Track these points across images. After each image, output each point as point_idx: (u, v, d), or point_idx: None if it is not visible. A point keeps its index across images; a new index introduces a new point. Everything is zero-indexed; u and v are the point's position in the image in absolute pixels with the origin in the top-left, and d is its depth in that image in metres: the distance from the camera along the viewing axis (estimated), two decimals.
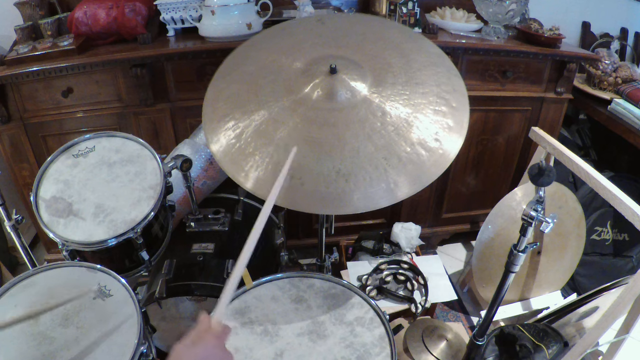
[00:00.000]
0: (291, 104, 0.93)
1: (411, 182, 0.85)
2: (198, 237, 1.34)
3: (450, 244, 2.26)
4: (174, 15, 1.60)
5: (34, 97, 1.52)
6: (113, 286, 0.99)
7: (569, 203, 1.58)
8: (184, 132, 1.66)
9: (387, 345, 0.91)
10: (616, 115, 1.88)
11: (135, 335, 0.89)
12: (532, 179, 0.93)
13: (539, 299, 1.71)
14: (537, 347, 1.36)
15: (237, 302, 1.01)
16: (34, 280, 0.99)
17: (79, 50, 1.48)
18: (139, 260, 1.16)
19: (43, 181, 1.12)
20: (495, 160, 1.96)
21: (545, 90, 1.80)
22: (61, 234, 1.05)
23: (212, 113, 0.99)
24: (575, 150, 1.88)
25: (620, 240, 1.88)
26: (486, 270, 1.64)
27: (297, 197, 0.85)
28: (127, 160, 1.17)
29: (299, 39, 1.10)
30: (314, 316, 0.98)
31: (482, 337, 1.22)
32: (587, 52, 1.99)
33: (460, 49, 1.65)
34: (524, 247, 0.99)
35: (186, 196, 1.35)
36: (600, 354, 1.42)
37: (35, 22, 1.63)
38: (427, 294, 1.56)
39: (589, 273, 1.85)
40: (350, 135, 0.88)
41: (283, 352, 0.91)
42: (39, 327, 0.90)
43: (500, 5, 1.67)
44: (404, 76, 0.96)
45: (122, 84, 1.55)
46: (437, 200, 2.03)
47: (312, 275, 1.08)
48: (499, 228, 1.58)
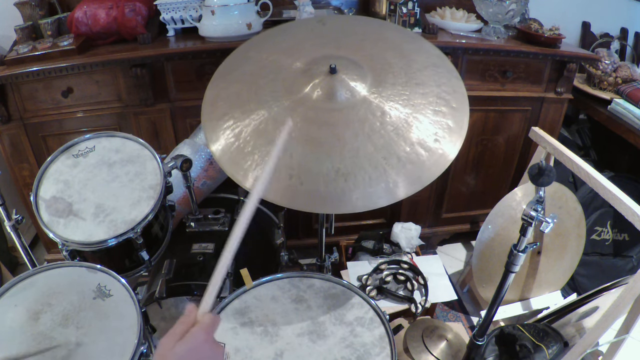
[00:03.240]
0: (291, 103, 0.93)
1: (410, 182, 0.85)
2: (198, 237, 1.34)
3: (450, 244, 2.26)
4: (174, 15, 1.60)
5: (34, 97, 1.52)
6: (113, 286, 0.99)
7: (569, 203, 1.58)
8: (184, 132, 1.66)
9: (387, 345, 0.91)
10: (616, 115, 1.88)
11: (135, 335, 0.89)
12: (532, 179, 0.93)
13: (539, 299, 1.71)
14: (537, 347, 1.36)
15: (237, 302, 1.01)
16: (34, 280, 0.99)
17: (79, 50, 1.48)
18: (139, 260, 1.16)
19: (43, 181, 1.12)
20: (495, 160, 1.96)
21: (545, 90, 1.80)
22: (61, 234, 1.05)
23: (211, 112, 0.99)
24: (575, 150, 1.88)
25: (620, 240, 1.87)
26: (486, 270, 1.64)
27: (297, 196, 0.85)
28: (127, 160, 1.17)
29: (299, 39, 1.10)
30: (314, 316, 0.98)
31: (482, 337, 1.22)
32: (587, 52, 1.99)
33: (460, 49, 1.65)
34: (524, 247, 0.99)
35: (186, 196, 1.35)
36: (600, 354, 1.42)
37: (35, 22, 1.63)
38: (427, 294, 1.56)
39: (589, 273, 1.85)
40: (350, 135, 0.88)
41: (283, 352, 0.91)
42: (39, 327, 0.90)
43: (500, 5, 1.67)
44: (404, 76, 0.96)
45: (122, 84, 1.55)
46: (437, 200, 2.03)
47: (312, 275, 1.09)
48: (499, 228, 1.58)
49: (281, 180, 0.85)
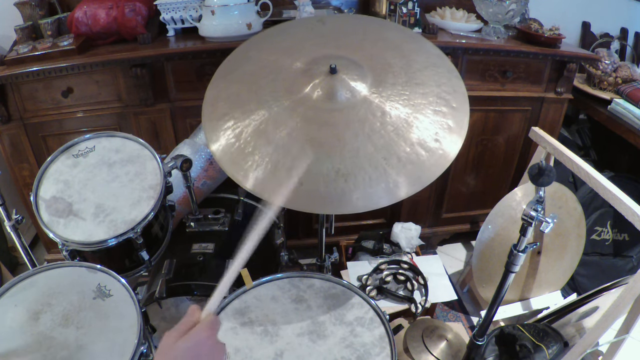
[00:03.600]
0: (291, 103, 0.93)
1: (411, 182, 0.85)
2: (198, 237, 1.34)
3: (450, 244, 2.26)
4: (174, 15, 1.60)
5: (34, 97, 1.52)
6: (113, 286, 0.98)
7: (569, 203, 1.58)
8: (184, 132, 1.66)
9: (387, 345, 0.91)
10: (616, 115, 1.88)
11: (135, 335, 0.89)
12: (532, 179, 0.93)
13: (539, 299, 1.71)
14: (537, 347, 1.36)
15: (237, 302, 1.01)
16: (34, 280, 0.99)
17: (79, 50, 1.48)
18: (139, 260, 1.16)
19: (43, 181, 1.12)
20: (495, 160, 1.96)
21: (545, 90, 1.80)
22: (61, 234, 1.05)
23: (211, 112, 0.99)
24: (575, 150, 1.88)
25: (620, 240, 1.88)
26: (486, 270, 1.64)
27: (297, 196, 0.85)
28: (127, 160, 1.17)
29: (299, 39, 1.10)
30: (314, 316, 0.98)
31: (482, 337, 1.22)
32: (587, 52, 1.99)
33: (460, 49, 1.65)
34: (524, 247, 0.99)
35: (186, 196, 1.35)
36: (600, 354, 1.42)
37: (35, 22, 1.63)
38: (427, 294, 1.56)
39: (589, 273, 1.85)
40: (350, 135, 0.88)
41: (283, 352, 0.91)
42: (39, 327, 0.90)
43: (500, 5, 1.67)
44: (404, 76, 0.96)
45: (122, 84, 1.55)
46: (437, 200, 2.03)
47: (312, 275, 1.08)
48: (499, 228, 1.58)
49: (281, 180, 0.85)
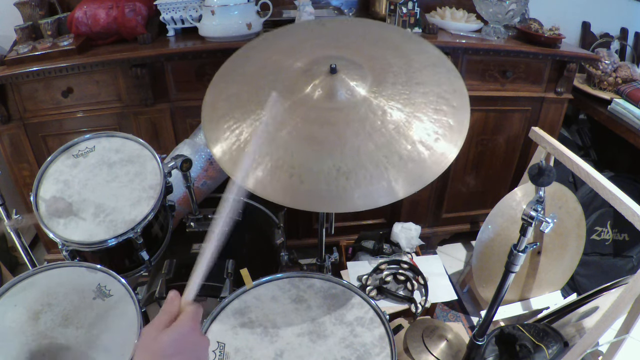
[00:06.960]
0: (292, 104, 0.93)
1: (411, 180, 0.85)
2: (198, 237, 1.34)
3: (450, 244, 2.26)
4: (174, 15, 1.60)
5: (34, 97, 1.52)
6: (113, 286, 0.98)
7: (569, 203, 1.58)
8: (184, 132, 1.66)
9: (387, 345, 0.91)
10: (616, 115, 1.88)
11: (135, 335, 0.89)
12: (532, 179, 0.93)
13: (539, 299, 1.71)
14: (537, 347, 1.36)
15: (237, 302, 1.01)
16: (34, 280, 0.99)
17: (79, 50, 1.48)
18: (139, 260, 1.16)
19: (43, 181, 1.12)
20: (495, 160, 1.96)
21: (545, 90, 1.80)
22: (61, 234, 1.05)
23: (211, 113, 0.99)
24: (575, 150, 1.88)
25: (620, 240, 1.88)
26: (486, 270, 1.64)
27: (297, 195, 0.85)
28: (127, 160, 1.17)
29: (299, 39, 1.10)
30: (314, 316, 0.98)
31: (482, 337, 1.22)
32: (587, 52, 1.99)
33: (460, 49, 1.65)
34: (524, 247, 0.99)
35: (186, 196, 1.35)
36: (600, 354, 1.42)
37: (35, 22, 1.63)
38: (427, 294, 1.56)
39: (589, 273, 1.85)
40: (351, 134, 0.88)
41: (283, 352, 0.90)
42: (39, 327, 0.90)
43: (500, 5, 1.67)
44: (404, 76, 0.96)
45: (122, 84, 1.55)
46: (437, 200, 2.03)
47: (312, 275, 1.08)
48: (499, 228, 1.58)
49: (281, 179, 0.85)
